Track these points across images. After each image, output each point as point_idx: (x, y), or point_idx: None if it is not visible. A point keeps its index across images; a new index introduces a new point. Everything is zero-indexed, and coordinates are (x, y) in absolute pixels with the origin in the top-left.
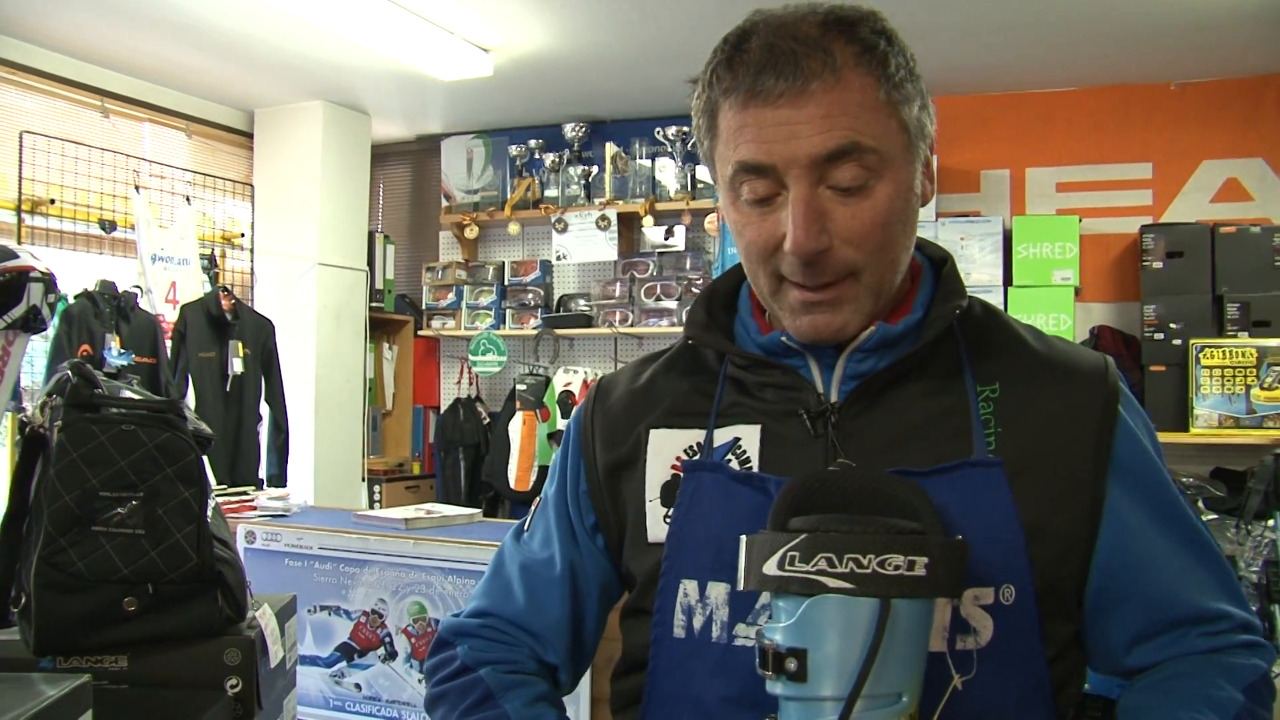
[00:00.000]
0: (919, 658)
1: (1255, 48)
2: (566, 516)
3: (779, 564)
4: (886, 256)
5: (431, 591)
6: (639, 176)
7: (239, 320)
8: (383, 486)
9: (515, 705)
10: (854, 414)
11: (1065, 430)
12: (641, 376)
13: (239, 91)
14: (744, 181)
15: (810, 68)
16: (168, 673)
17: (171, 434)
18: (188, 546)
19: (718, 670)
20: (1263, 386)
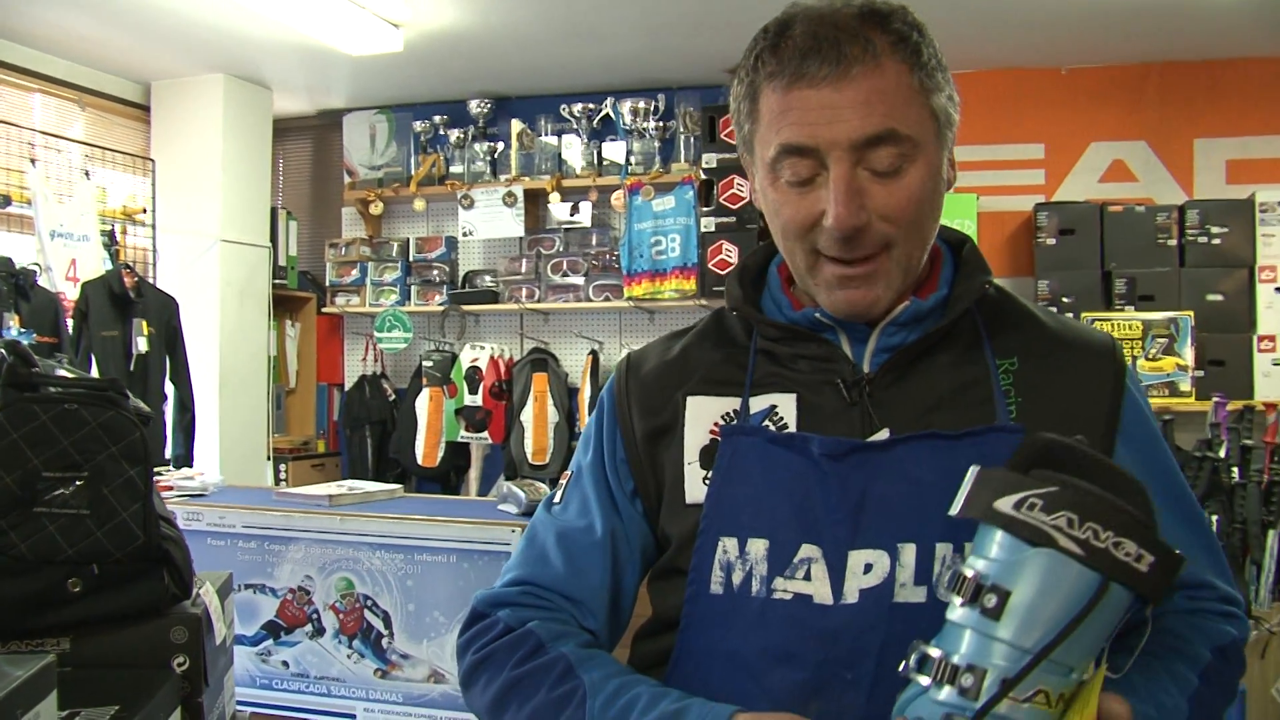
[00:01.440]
0: (1102, 641)
1: (1139, 37)
2: (605, 484)
3: (1016, 505)
4: (917, 234)
5: (359, 567)
6: (545, 153)
7: (142, 298)
8: (288, 465)
9: (570, 647)
10: (886, 384)
11: (1079, 400)
12: (673, 349)
13: (135, 63)
14: (785, 162)
15: (852, 54)
16: (114, 653)
17: (115, 412)
18: (134, 525)
19: (757, 623)
20: (1148, 358)
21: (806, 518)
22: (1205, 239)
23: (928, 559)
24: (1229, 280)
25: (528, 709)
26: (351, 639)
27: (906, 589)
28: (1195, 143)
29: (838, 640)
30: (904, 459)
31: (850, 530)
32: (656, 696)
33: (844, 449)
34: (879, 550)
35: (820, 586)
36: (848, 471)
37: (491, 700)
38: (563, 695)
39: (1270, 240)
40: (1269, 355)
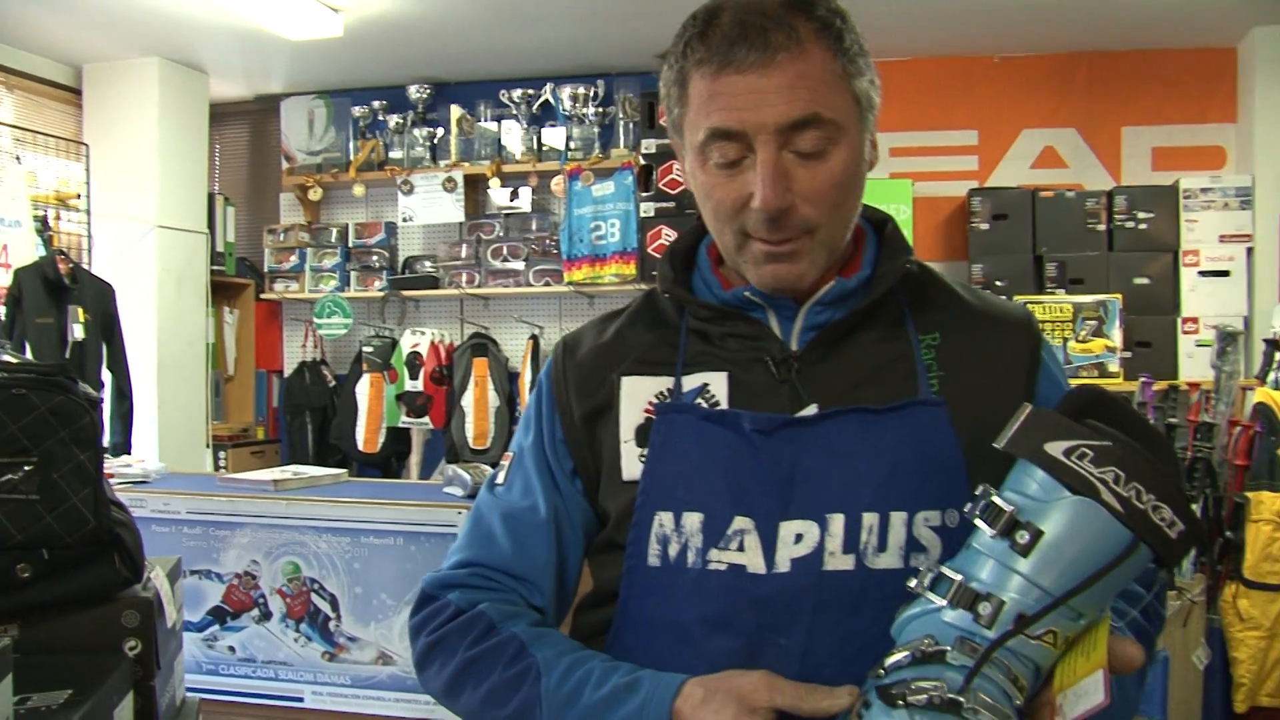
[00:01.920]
0: (1114, 593)
1: (1069, 26)
2: (546, 465)
3: (1067, 451)
4: (840, 215)
5: (305, 551)
6: (484, 139)
7: (78, 285)
8: (228, 452)
9: (521, 627)
10: (814, 360)
11: (998, 372)
12: (606, 332)
13: (65, 45)
14: (714, 146)
15: (777, 41)
16: (65, 638)
17: (65, 397)
18: (85, 510)
19: (693, 593)
20: (1078, 340)
21: (739, 491)
22: (1132, 224)
23: (855, 528)
24: (1155, 264)
25: (483, 689)
26: (299, 622)
27: (835, 557)
28: (1123, 130)
29: (770, 607)
30: (831, 433)
31: (781, 502)
32: (608, 671)
33: (774, 424)
34: (809, 521)
35: (753, 556)
36: (778, 446)
37: (447, 682)
38: (517, 674)
39: (1194, 225)
40: (1193, 337)
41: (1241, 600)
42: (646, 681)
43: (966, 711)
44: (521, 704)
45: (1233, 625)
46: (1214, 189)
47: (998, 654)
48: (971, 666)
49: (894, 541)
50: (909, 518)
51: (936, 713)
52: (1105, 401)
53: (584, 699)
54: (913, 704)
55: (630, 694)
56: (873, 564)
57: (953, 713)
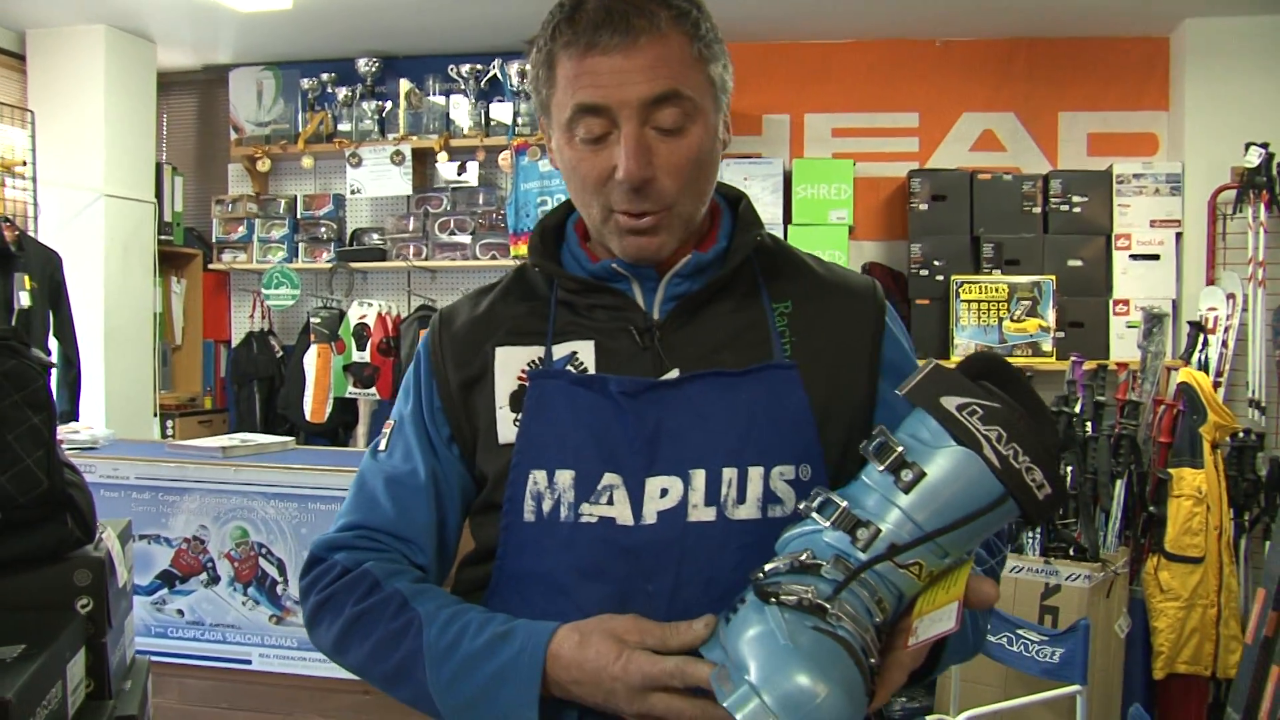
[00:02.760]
0: (980, 539)
1: (1009, 12)
2: (424, 431)
3: (959, 407)
4: (695, 189)
5: (253, 516)
6: (433, 113)
7: (24, 252)
8: (175, 421)
9: (404, 583)
10: (674, 328)
11: (845, 338)
12: (480, 305)
13: (7, 9)
14: (581, 121)
15: (639, 25)
16: (19, 595)
17: (18, 360)
18: (38, 471)
19: (567, 545)
20: (1013, 319)
21: (607, 449)
22: (1067, 207)
23: (716, 482)
24: (1088, 247)
25: (370, 642)
26: (246, 586)
27: (698, 509)
28: (1060, 115)
29: (639, 556)
30: (692, 395)
31: (647, 459)
32: (485, 621)
33: (639, 387)
34: (673, 476)
35: (622, 510)
36: (643, 407)
37: (336, 637)
38: (401, 626)
39: (1126, 210)
40: (1123, 318)
41: (1162, 572)
42: (521, 630)
43: (830, 617)
44: (405, 655)
45: (1154, 596)
46: (1146, 175)
47: (867, 576)
48: (841, 580)
49: (752, 494)
50: (765, 472)
51: (803, 613)
52: (1001, 368)
53: (463, 648)
54: (784, 602)
55: (506, 642)
56: (733, 515)
57: (817, 615)
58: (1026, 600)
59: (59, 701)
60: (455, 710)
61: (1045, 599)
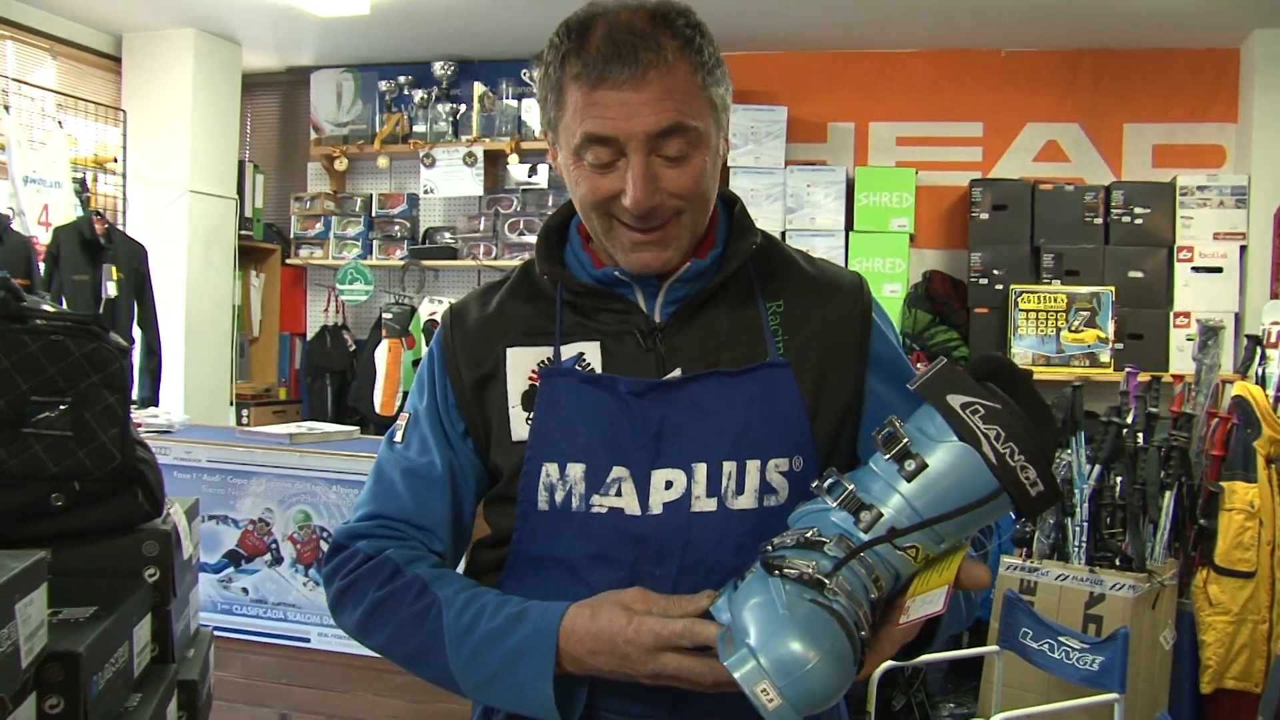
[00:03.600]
0: (974, 529)
1: (1075, 23)
2: (440, 426)
3: (964, 405)
4: (701, 204)
5: (316, 501)
6: (505, 116)
7: (112, 244)
8: (250, 410)
9: (423, 569)
10: (675, 330)
11: (834, 333)
12: (490, 304)
13: (106, 14)
14: (589, 149)
15: (646, 59)
16: (91, 563)
17: (98, 344)
18: (112, 447)
19: (580, 534)
20: (1071, 329)
21: (615, 444)
22: (1129, 219)
23: (717, 475)
24: (1150, 259)
25: (393, 624)
26: (308, 568)
27: (700, 500)
28: (1125, 127)
29: (647, 544)
30: (694, 393)
31: (652, 454)
32: (502, 603)
33: (644, 387)
34: (677, 469)
35: (630, 501)
36: (648, 406)
37: (360, 620)
38: (421, 610)
39: (1189, 222)
40: (1184, 330)
41: (1212, 586)
42: (534, 610)
43: (827, 591)
44: (426, 637)
45: (1202, 610)
46: (1210, 187)
47: (866, 555)
48: (841, 557)
49: (750, 485)
50: (762, 465)
51: (802, 586)
52: (1010, 371)
53: (480, 629)
54: (786, 575)
55: (521, 622)
56: (732, 505)
57: (815, 589)
58: (1071, 608)
59: (125, 661)
60: (476, 687)
61: (1089, 608)
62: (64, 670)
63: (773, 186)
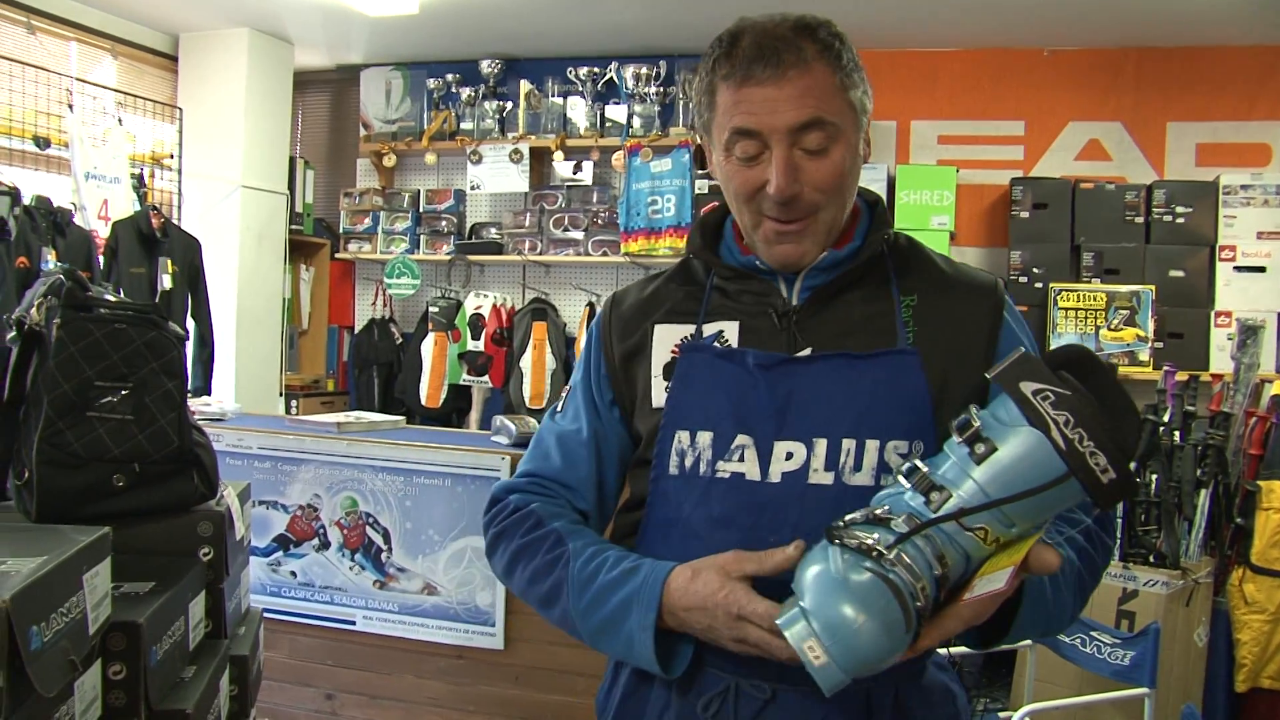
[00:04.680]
0: (1046, 514)
1: (1118, 22)
2: (591, 396)
3: (1035, 391)
4: (839, 199)
5: (363, 488)
6: (551, 113)
7: (168, 238)
8: (299, 401)
9: (562, 523)
10: (809, 314)
11: (965, 329)
12: (647, 289)
13: (164, 15)
14: (737, 143)
15: (788, 59)
16: (149, 541)
17: (158, 332)
18: (170, 431)
19: (704, 497)
20: (1110, 328)
21: (742, 414)
22: (1171, 218)
23: (835, 451)
24: (1191, 258)
25: (529, 569)
26: (354, 553)
27: (818, 473)
28: (1168, 126)
29: (764, 510)
30: (821, 371)
31: (776, 425)
32: (620, 558)
33: (773, 361)
34: (798, 442)
35: (751, 467)
36: (776, 379)
37: (506, 564)
38: (554, 558)
39: (1232, 221)
40: (1225, 330)
41: (1248, 584)
42: (646, 566)
43: (885, 562)
44: (554, 583)
45: (1238, 608)
46: (1254, 186)
47: (934, 534)
48: (905, 532)
49: (868, 464)
50: (881, 445)
51: (860, 555)
52: (1088, 361)
53: (599, 580)
54: (846, 544)
55: (633, 576)
56: (849, 480)
57: (873, 559)
58: (1104, 604)
59: (181, 634)
60: (591, 633)
61: (1122, 603)
62: (126, 639)
63: None
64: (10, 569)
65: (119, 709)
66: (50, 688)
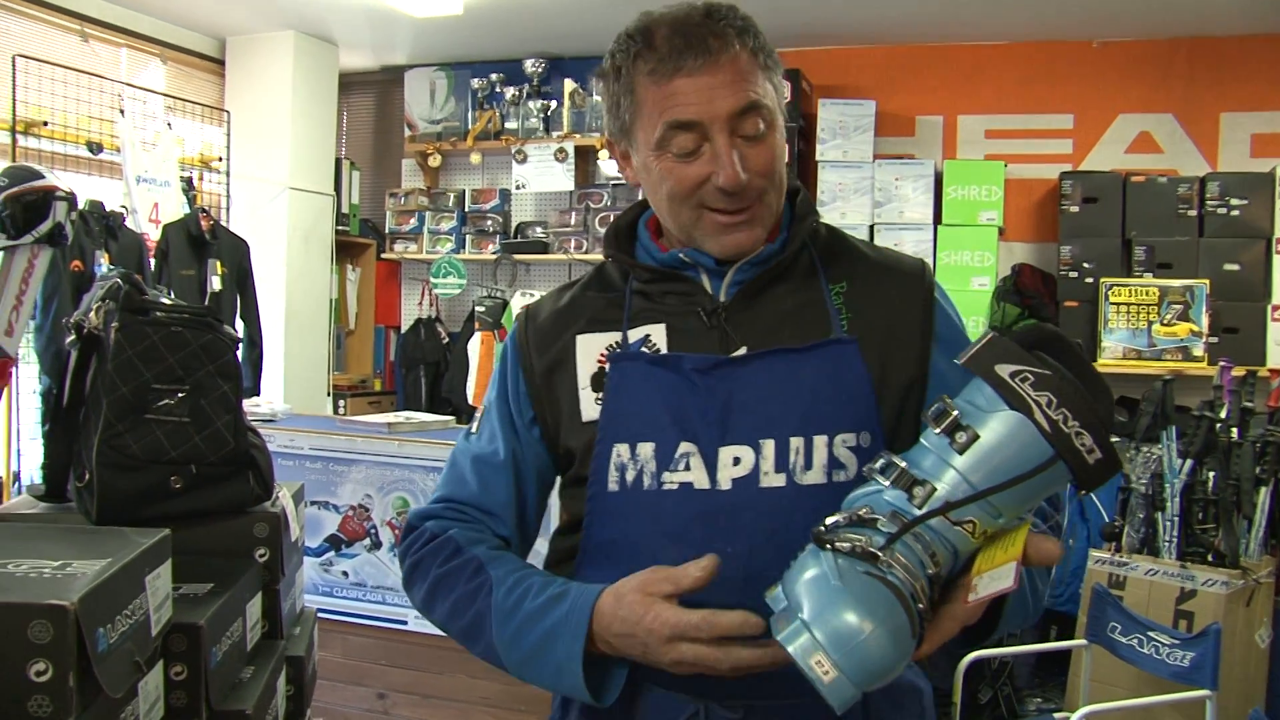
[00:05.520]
0: (1033, 502)
1: (1169, 12)
2: (508, 415)
3: (1013, 374)
4: (778, 184)
5: (414, 487)
6: (595, 112)
7: (217, 240)
8: (347, 401)
9: (482, 550)
10: (739, 309)
11: (898, 314)
12: (563, 299)
13: (212, 19)
14: (673, 139)
15: (715, 45)
16: (207, 543)
17: (213, 335)
18: (226, 433)
19: (651, 512)
20: (1163, 323)
21: (683, 422)
22: (1225, 210)
23: (784, 451)
24: (1247, 251)
25: (450, 601)
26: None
27: (769, 476)
28: (1221, 116)
29: (716, 520)
30: (760, 370)
31: (720, 430)
32: (546, 584)
33: (710, 364)
34: (744, 446)
35: (699, 475)
36: (714, 383)
37: (424, 596)
38: (475, 587)
39: None
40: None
41: None
42: (573, 592)
43: (882, 564)
44: (477, 614)
45: None
46: None
47: (922, 530)
48: (895, 532)
49: (818, 461)
50: (829, 440)
51: (855, 559)
52: (1057, 340)
53: (523, 609)
54: (839, 549)
55: (559, 603)
56: (801, 480)
57: (869, 562)
58: (1161, 603)
59: (239, 635)
60: (517, 665)
61: (1180, 603)
62: (188, 640)
63: (861, 180)
64: (76, 571)
65: (181, 709)
66: (117, 689)
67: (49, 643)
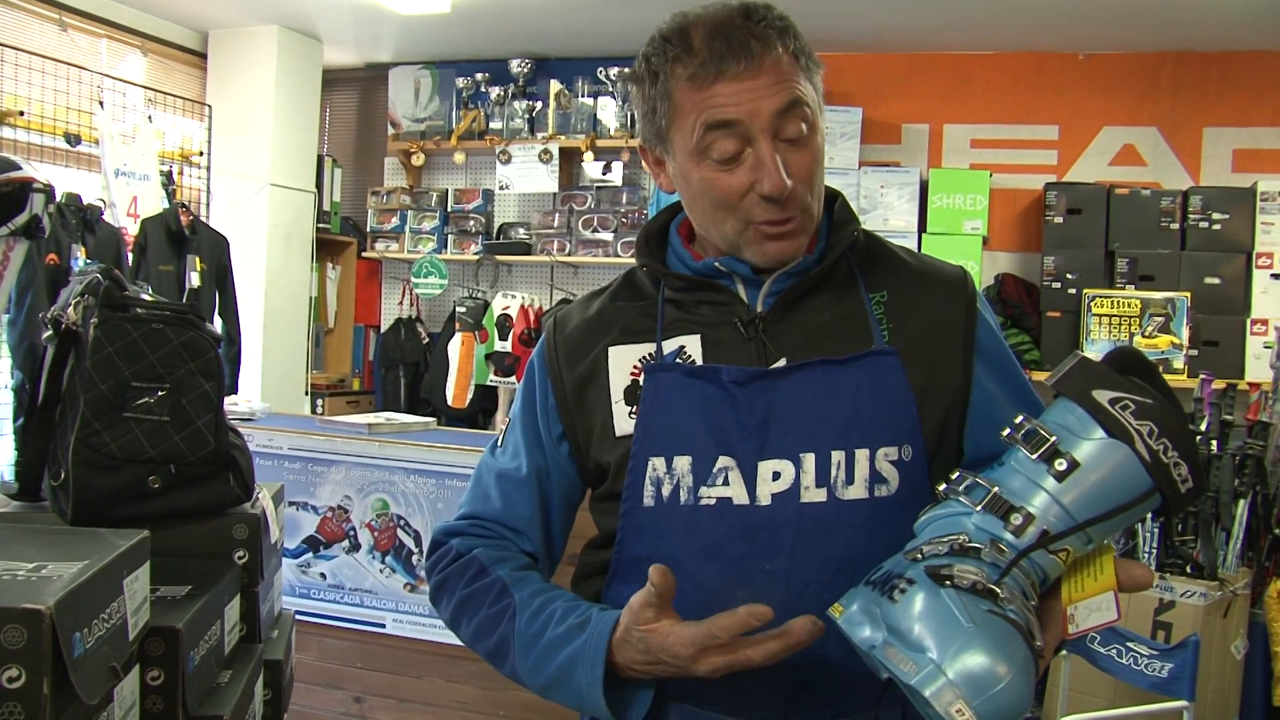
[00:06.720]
0: (1120, 530)
1: (1156, 26)
2: (534, 430)
3: (1111, 400)
4: (819, 190)
5: (394, 489)
6: (581, 114)
7: (196, 235)
8: (325, 400)
9: (506, 571)
10: (776, 320)
11: (940, 323)
12: (591, 308)
13: (194, 12)
14: (714, 143)
15: (756, 47)
16: (185, 544)
17: (195, 333)
18: (207, 432)
19: (687, 527)
20: (1144, 335)
21: (721, 435)
22: (1207, 224)
23: (825, 465)
24: (1227, 265)
25: (474, 623)
26: (385, 555)
27: (810, 491)
28: (1205, 131)
29: (755, 537)
30: (800, 382)
31: (759, 444)
32: (569, 610)
33: (749, 376)
34: (784, 460)
35: (738, 490)
36: (753, 395)
37: (451, 615)
38: (499, 611)
39: (1270, 228)
40: (1261, 338)
41: None
42: (593, 621)
43: (1002, 601)
44: (501, 638)
45: (1275, 620)
46: None
47: (1023, 561)
48: (1005, 564)
49: (860, 475)
50: (871, 454)
51: (977, 597)
52: (1143, 363)
53: (546, 636)
54: (959, 585)
55: (580, 631)
56: (843, 495)
57: (990, 599)
58: (1139, 614)
59: (217, 639)
60: (542, 690)
61: (1159, 614)
62: (165, 644)
63: (846, 187)
64: (52, 574)
65: (157, 715)
66: (93, 695)
67: (23, 648)
